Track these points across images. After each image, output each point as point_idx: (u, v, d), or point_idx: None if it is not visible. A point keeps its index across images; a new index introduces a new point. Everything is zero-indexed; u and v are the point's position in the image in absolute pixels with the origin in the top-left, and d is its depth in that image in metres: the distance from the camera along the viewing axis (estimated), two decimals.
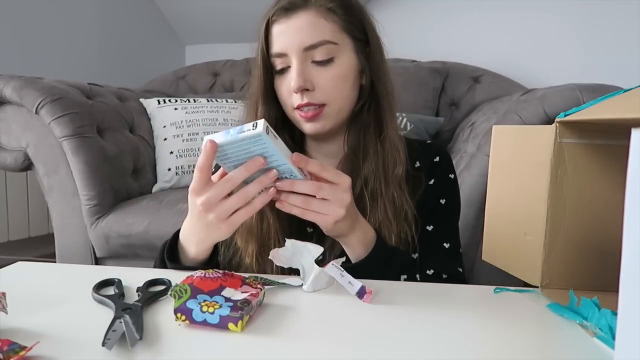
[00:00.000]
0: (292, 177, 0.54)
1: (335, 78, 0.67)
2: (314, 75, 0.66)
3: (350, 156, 0.72)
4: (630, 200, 0.30)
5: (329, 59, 0.66)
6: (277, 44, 0.67)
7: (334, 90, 0.67)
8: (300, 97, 0.67)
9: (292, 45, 0.65)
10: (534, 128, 0.56)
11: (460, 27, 2.15)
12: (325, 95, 0.67)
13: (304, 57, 0.66)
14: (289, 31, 0.66)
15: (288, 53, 0.66)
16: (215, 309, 0.43)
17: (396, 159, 0.70)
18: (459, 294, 0.56)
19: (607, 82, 1.19)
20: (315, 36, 0.65)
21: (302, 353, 0.39)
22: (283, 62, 0.67)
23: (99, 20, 2.26)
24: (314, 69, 0.66)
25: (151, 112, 1.73)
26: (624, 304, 0.30)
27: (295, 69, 0.66)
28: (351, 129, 0.72)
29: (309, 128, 0.69)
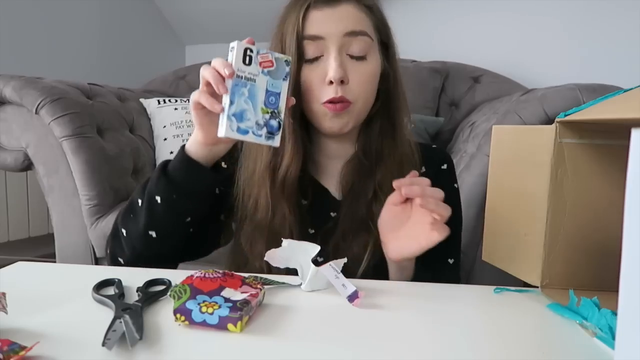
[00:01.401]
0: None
1: (366, 75, 0.65)
2: (350, 69, 0.64)
3: (361, 159, 0.70)
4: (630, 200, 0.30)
5: (363, 55, 0.65)
6: (314, 27, 0.64)
7: (363, 88, 0.66)
8: (334, 89, 0.63)
9: (332, 30, 0.63)
10: (534, 128, 0.56)
11: (460, 27, 2.15)
12: (355, 92, 0.65)
13: (342, 44, 0.63)
14: (331, 18, 0.64)
15: (326, 38, 0.63)
16: (214, 310, 0.43)
17: (411, 162, 0.70)
18: (458, 294, 0.56)
19: (607, 82, 1.19)
20: (358, 24, 0.64)
21: (302, 353, 0.39)
22: (317, 48, 0.64)
23: (99, 20, 2.26)
24: (349, 62, 0.64)
25: (151, 112, 1.73)
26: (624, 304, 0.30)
27: (334, 59, 0.63)
28: (364, 130, 0.71)
29: (333, 124, 0.66)
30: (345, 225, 0.68)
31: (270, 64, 0.54)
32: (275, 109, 0.53)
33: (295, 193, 0.68)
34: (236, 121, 0.51)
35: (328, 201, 0.72)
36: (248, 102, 0.52)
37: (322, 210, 0.71)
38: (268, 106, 0.52)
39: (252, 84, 0.53)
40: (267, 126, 0.51)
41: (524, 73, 1.97)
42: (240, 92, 0.52)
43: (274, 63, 0.54)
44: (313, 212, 0.70)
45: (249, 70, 0.53)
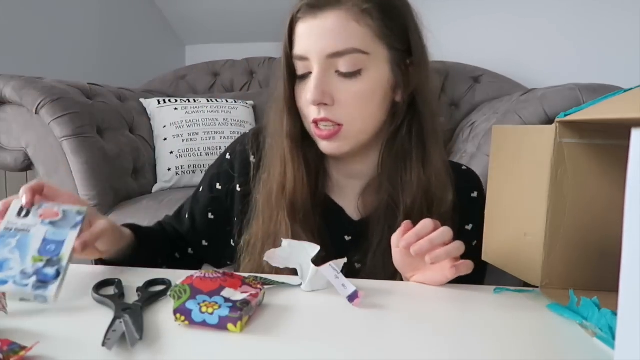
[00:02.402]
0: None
1: (359, 94, 0.58)
2: (336, 89, 0.58)
3: (384, 184, 0.63)
4: (630, 200, 0.30)
5: (356, 71, 0.58)
6: (299, 45, 0.59)
7: (355, 108, 0.59)
8: (317, 110, 0.59)
9: (314, 49, 0.57)
10: (534, 128, 0.56)
11: (460, 28, 2.15)
12: (344, 114, 0.59)
13: (326, 65, 0.57)
14: (313, 33, 0.57)
15: (309, 57, 0.58)
16: (214, 310, 0.43)
17: (442, 195, 0.62)
18: (458, 294, 0.56)
19: (607, 82, 1.19)
20: (342, 42, 0.56)
21: (302, 353, 0.39)
22: (305, 66, 0.59)
23: (99, 20, 2.26)
24: (336, 80, 0.58)
25: (151, 112, 1.73)
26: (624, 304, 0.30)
27: (314, 79, 0.58)
28: (387, 152, 0.63)
29: (325, 147, 0.62)
30: (362, 255, 0.63)
31: (54, 214, 0.53)
32: (54, 256, 0.49)
33: (311, 213, 0.64)
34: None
35: (343, 222, 0.67)
36: (14, 252, 0.49)
37: (335, 232, 0.66)
38: (43, 254, 0.49)
39: (24, 234, 0.50)
40: (39, 274, 0.47)
41: (524, 73, 1.97)
42: (6, 242, 0.49)
43: (59, 214, 0.53)
44: (328, 232, 0.64)
45: (22, 222, 0.52)
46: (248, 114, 1.84)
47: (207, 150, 1.66)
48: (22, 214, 0.53)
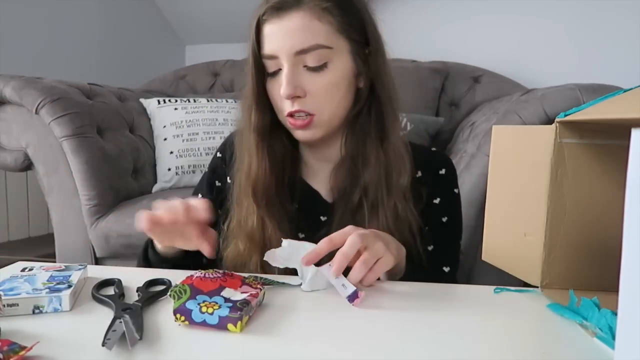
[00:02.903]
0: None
1: (327, 85, 0.64)
2: (306, 82, 0.63)
3: (348, 163, 0.69)
4: (630, 200, 0.30)
5: (322, 65, 0.63)
6: (268, 45, 0.63)
7: (325, 98, 0.64)
8: (290, 103, 0.64)
9: (282, 48, 0.62)
10: (534, 128, 0.56)
11: (461, 28, 2.15)
12: (315, 104, 0.64)
13: (295, 61, 0.62)
14: (280, 33, 0.62)
15: (279, 56, 0.63)
16: (214, 310, 0.43)
17: (401, 168, 0.67)
18: (458, 294, 0.56)
19: (607, 82, 1.19)
20: (307, 40, 0.61)
21: (302, 353, 0.39)
22: (275, 64, 0.64)
23: (99, 20, 2.26)
24: (305, 74, 0.63)
25: (151, 112, 1.73)
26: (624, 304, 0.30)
27: (285, 75, 0.62)
28: (349, 134, 0.69)
29: (300, 136, 0.67)
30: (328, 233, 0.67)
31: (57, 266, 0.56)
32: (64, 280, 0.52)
33: (277, 199, 0.69)
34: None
35: (319, 204, 0.72)
36: (24, 283, 0.51)
37: (312, 214, 0.71)
38: (52, 281, 0.52)
39: (30, 276, 0.53)
40: (51, 288, 0.50)
41: (524, 73, 1.97)
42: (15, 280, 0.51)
43: (62, 266, 0.56)
44: (303, 215, 0.70)
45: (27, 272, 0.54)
46: None
47: (207, 150, 1.66)
48: (27, 270, 0.55)
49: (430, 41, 2.17)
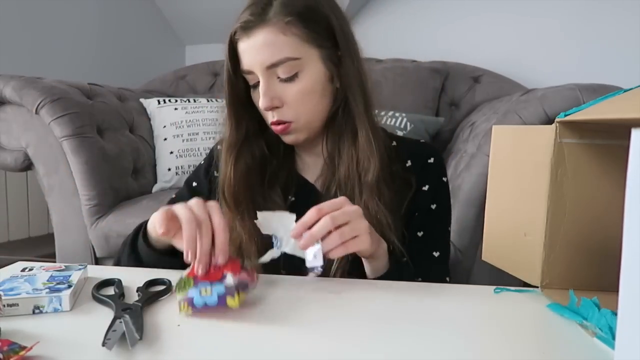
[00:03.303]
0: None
1: (300, 93, 0.66)
2: (281, 92, 0.66)
3: (327, 161, 0.73)
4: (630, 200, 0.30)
5: (293, 75, 0.66)
6: (244, 61, 0.67)
7: (300, 105, 0.67)
8: (271, 114, 0.68)
9: (255, 64, 0.65)
10: (534, 128, 0.56)
11: (461, 27, 2.15)
12: (292, 112, 0.67)
13: (268, 74, 0.66)
14: (251, 50, 0.65)
15: (254, 70, 0.66)
16: (212, 290, 0.45)
17: (369, 164, 0.68)
18: (458, 294, 0.56)
19: (607, 82, 1.19)
20: (274, 54, 0.64)
21: (302, 354, 0.39)
22: (253, 78, 0.67)
23: (99, 20, 2.26)
24: (279, 85, 0.66)
25: (151, 112, 1.73)
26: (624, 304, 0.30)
27: (261, 89, 0.66)
28: (329, 133, 0.73)
29: (285, 140, 0.71)
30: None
31: (57, 266, 0.57)
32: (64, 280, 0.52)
33: (258, 200, 0.71)
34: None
35: (313, 195, 0.74)
36: (24, 283, 0.51)
37: (308, 206, 0.72)
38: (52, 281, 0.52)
39: (30, 276, 0.53)
40: (51, 288, 0.50)
41: (524, 73, 1.97)
42: (15, 280, 0.52)
43: (62, 266, 0.57)
44: (298, 207, 0.70)
45: (27, 272, 0.55)
46: None
47: (207, 150, 1.65)
48: (27, 270, 0.55)
49: (430, 41, 2.17)
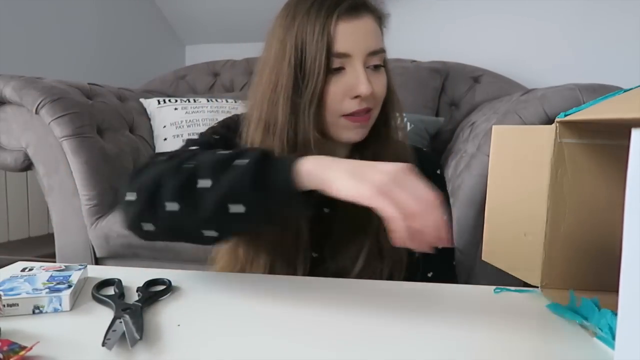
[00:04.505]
0: None
1: (383, 84, 0.66)
2: (371, 80, 0.64)
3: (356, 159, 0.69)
4: (630, 200, 0.30)
5: (381, 65, 0.66)
6: (342, 44, 0.62)
7: (380, 96, 0.66)
8: (358, 103, 0.63)
9: (357, 47, 0.62)
10: (534, 128, 0.56)
11: (461, 27, 2.15)
12: (375, 101, 0.66)
13: (364, 61, 0.63)
14: (357, 33, 0.62)
15: (352, 54, 0.62)
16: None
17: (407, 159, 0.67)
18: (459, 294, 0.56)
19: (607, 82, 1.19)
20: (378, 42, 0.64)
21: (302, 354, 0.39)
22: (340, 62, 0.63)
23: (99, 20, 2.26)
24: (369, 73, 0.64)
25: (151, 112, 1.73)
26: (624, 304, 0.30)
27: (362, 73, 0.62)
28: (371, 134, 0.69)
29: (355, 135, 0.66)
30: (342, 224, 0.67)
31: (57, 266, 0.56)
32: (64, 280, 0.51)
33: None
34: None
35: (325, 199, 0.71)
36: (24, 283, 0.51)
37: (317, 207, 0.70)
38: (52, 281, 0.52)
39: (30, 276, 0.53)
40: (51, 288, 0.49)
41: (524, 73, 1.97)
42: (15, 280, 0.51)
43: (62, 266, 0.56)
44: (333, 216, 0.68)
45: (27, 273, 0.54)
46: None
47: None
48: (27, 270, 0.55)
49: (430, 41, 2.17)
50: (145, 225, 0.53)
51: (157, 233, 0.54)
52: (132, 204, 0.52)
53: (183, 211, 0.50)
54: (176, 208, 0.50)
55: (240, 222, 0.50)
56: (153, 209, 0.51)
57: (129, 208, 0.53)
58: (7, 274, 0.53)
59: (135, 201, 0.52)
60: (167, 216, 0.51)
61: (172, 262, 1.33)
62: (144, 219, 0.53)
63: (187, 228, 0.52)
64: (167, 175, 0.52)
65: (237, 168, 0.49)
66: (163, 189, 0.51)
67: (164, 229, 0.53)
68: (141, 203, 0.52)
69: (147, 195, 0.51)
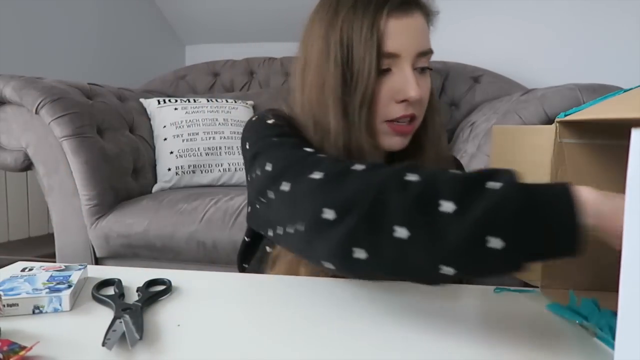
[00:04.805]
0: None
1: (428, 88, 0.61)
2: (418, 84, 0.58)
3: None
4: (630, 200, 0.30)
5: (428, 68, 0.60)
6: (391, 43, 0.56)
7: (425, 102, 0.61)
8: (404, 108, 0.58)
9: (407, 47, 0.57)
10: (534, 128, 0.56)
11: (461, 28, 2.15)
12: (419, 108, 0.60)
13: (413, 62, 0.58)
14: (408, 31, 0.57)
15: (401, 55, 0.57)
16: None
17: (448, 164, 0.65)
18: (459, 293, 0.56)
19: (607, 82, 1.19)
20: (427, 42, 0.59)
21: (303, 354, 0.39)
22: (389, 62, 0.57)
23: (99, 20, 2.26)
24: (416, 76, 0.58)
25: (151, 112, 1.73)
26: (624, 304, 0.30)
27: (411, 76, 0.57)
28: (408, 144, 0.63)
29: (396, 143, 0.61)
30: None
31: (57, 266, 0.56)
32: (64, 280, 0.51)
33: None
34: None
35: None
36: (24, 283, 0.51)
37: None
38: (52, 281, 0.52)
39: (30, 276, 0.53)
40: (51, 288, 0.49)
41: (524, 73, 1.97)
42: (15, 280, 0.51)
43: (62, 266, 0.56)
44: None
45: (27, 272, 0.54)
46: (248, 114, 1.84)
47: (207, 150, 1.66)
48: (27, 270, 0.55)
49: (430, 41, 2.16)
50: (358, 251, 0.41)
51: (372, 263, 0.41)
52: (335, 224, 0.42)
53: (415, 239, 0.39)
54: (405, 235, 0.39)
55: (493, 258, 0.37)
56: (373, 233, 0.40)
57: (331, 229, 0.42)
58: (7, 274, 0.53)
59: (340, 221, 0.42)
60: (391, 244, 0.39)
61: (172, 262, 1.33)
62: (359, 243, 0.41)
63: (416, 261, 0.40)
64: (388, 190, 0.41)
65: (493, 192, 0.38)
66: (388, 208, 0.40)
67: (383, 260, 0.41)
68: (355, 223, 0.41)
69: (364, 215, 0.41)
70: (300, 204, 0.46)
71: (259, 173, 0.55)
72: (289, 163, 0.52)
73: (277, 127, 0.60)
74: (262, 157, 0.56)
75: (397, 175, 0.42)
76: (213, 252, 1.27)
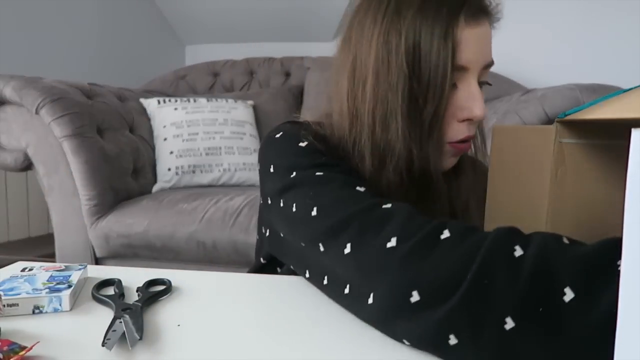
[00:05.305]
0: None
1: (484, 104, 0.54)
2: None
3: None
4: (630, 200, 0.30)
5: (488, 83, 0.54)
6: (463, 56, 0.50)
7: (483, 119, 0.55)
8: (467, 126, 0.53)
9: (477, 60, 0.51)
10: (534, 128, 0.56)
11: None
12: (477, 126, 0.56)
13: (479, 75, 0.52)
14: (478, 42, 0.51)
15: (470, 68, 0.51)
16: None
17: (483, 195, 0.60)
18: None
19: (607, 82, 1.19)
20: (491, 52, 0.53)
21: (303, 354, 0.39)
22: (457, 76, 0.51)
23: (99, 20, 2.26)
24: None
25: (151, 112, 1.74)
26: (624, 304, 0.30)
27: (478, 93, 0.51)
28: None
29: (451, 163, 0.57)
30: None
31: (57, 266, 0.56)
32: (64, 280, 0.52)
33: None
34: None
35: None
36: (24, 283, 0.51)
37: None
38: (52, 281, 0.52)
39: (30, 276, 0.53)
40: (51, 288, 0.49)
41: (524, 73, 1.97)
42: (15, 280, 0.51)
43: (62, 266, 0.56)
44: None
45: (27, 272, 0.54)
46: (248, 114, 1.84)
47: (207, 150, 1.66)
48: (27, 270, 0.55)
49: None
50: (454, 339, 0.34)
51: (471, 354, 0.33)
52: (426, 308, 0.35)
53: (528, 332, 0.32)
54: (516, 325, 0.32)
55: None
56: (477, 326, 0.33)
57: (419, 312, 0.35)
58: (7, 274, 0.53)
59: (432, 304, 0.34)
60: (499, 335, 0.32)
61: (172, 262, 1.33)
62: (457, 332, 0.33)
63: (526, 354, 0.32)
64: (494, 269, 0.34)
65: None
66: (495, 294, 0.32)
67: (487, 352, 0.33)
68: (451, 312, 0.33)
69: (464, 303, 0.33)
70: (371, 276, 0.39)
71: (295, 211, 0.47)
72: (345, 216, 0.43)
73: (314, 153, 0.51)
74: (300, 193, 0.47)
75: (503, 248, 0.35)
76: (213, 252, 1.27)
